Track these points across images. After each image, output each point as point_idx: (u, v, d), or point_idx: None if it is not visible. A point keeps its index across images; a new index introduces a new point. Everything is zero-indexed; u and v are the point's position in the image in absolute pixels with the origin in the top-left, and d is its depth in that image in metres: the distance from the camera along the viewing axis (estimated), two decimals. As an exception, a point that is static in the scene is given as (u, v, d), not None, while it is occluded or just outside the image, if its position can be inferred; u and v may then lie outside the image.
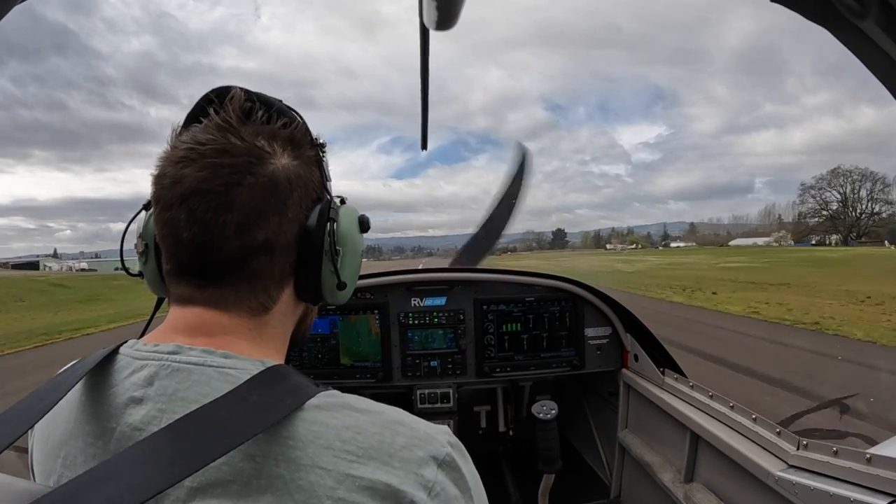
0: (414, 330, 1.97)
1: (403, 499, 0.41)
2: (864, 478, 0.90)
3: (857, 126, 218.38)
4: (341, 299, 0.60)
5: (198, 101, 0.54)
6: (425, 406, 1.94)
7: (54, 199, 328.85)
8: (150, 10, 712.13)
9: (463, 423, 2.04)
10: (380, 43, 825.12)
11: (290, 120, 0.54)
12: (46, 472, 0.50)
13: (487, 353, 1.98)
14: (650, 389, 1.75)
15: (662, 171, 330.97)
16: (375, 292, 1.97)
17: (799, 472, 1.04)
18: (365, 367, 1.94)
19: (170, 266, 0.52)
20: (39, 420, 0.45)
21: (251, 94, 0.52)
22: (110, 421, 0.46)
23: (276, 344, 0.56)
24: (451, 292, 2.00)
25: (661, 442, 1.72)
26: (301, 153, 0.54)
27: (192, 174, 0.47)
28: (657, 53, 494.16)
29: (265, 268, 0.51)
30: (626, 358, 1.98)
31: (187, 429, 0.40)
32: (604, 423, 2.27)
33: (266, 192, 0.49)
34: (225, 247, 0.48)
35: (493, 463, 2.49)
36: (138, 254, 0.59)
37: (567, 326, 2.01)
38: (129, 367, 0.48)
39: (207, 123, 0.50)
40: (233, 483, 0.41)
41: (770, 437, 1.17)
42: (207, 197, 0.47)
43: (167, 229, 0.50)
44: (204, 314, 0.51)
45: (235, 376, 0.45)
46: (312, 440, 0.43)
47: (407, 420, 0.48)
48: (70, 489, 0.36)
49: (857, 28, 0.60)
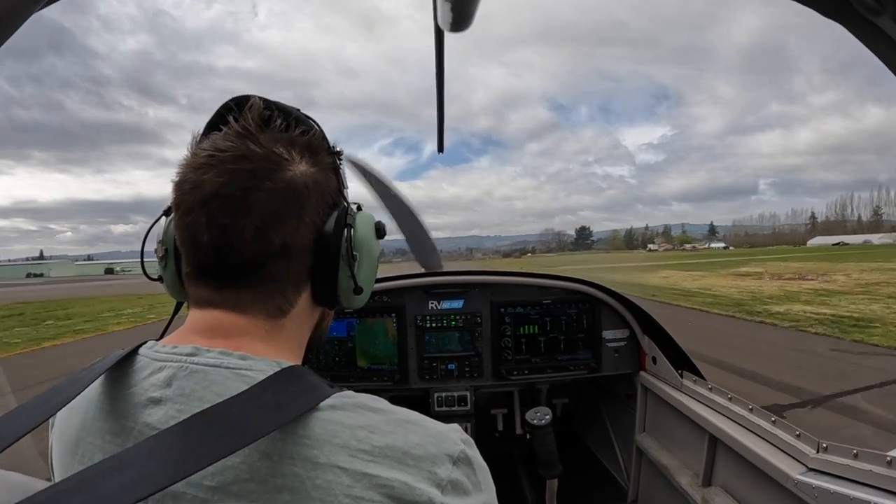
0: (431, 333, 1.99)
1: (419, 496, 0.42)
2: (884, 481, 0.89)
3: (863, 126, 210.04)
4: (357, 304, 0.61)
5: (217, 110, 0.56)
6: (442, 409, 1.96)
7: (55, 200, 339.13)
8: (146, 8, 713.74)
9: (479, 425, 2.05)
10: (380, 41, 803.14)
11: (308, 128, 0.55)
12: (64, 469, 0.52)
13: (504, 355, 1.99)
14: (668, 392, 1.74)
15: (666, 172, 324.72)
16: (392, 295, 2.00)
17: (818, 476, 1.03)
18: (382, 369, 1.97)
19: (189, 269, 0.54)
20: (57, 412, 0.47)
21: (270, 102, 0.54)
22: (129, 420, 0.48)
23: (293, 347, 0.57)
24: (468, 295, 2.02)
25: (679, 445, 1.70)
26: (318, 160, 0.55)
27: (212, 179, 0.49)
28: (663, 50, 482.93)
29: (282, 271, 0.52)
30: (644, 360, 1.97)
31: (199, 425, 0.41)
32: (621, 426, 2.25)
33: (284, 197, 0.50)
34: (243, 250, 0.50)
35: (509, 466, 2.50)
36: (158, 258, 0.61)
37: (584, 329, 2.01)
38: (148, 368, 0.50)
39: (227, 131, 0.51)
40: (250, 482, 0.42)
41: (789, 439, 1.16)
42: (226, 201, 0.49)
43: (187, 233, 0.51)
44: (222, 316, 0.52)
45: (251, 377, 0.46)
46: (328, 439, 0.44)
47: (419, 419, 0.49)
48: (82, 478, 0.37)
49: (874, 24, 0.59)
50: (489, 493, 0.50)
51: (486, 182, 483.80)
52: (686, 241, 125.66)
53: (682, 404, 1.63)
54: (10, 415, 0.46)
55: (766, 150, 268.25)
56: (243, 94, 0.55)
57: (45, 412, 0.47)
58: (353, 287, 0.58)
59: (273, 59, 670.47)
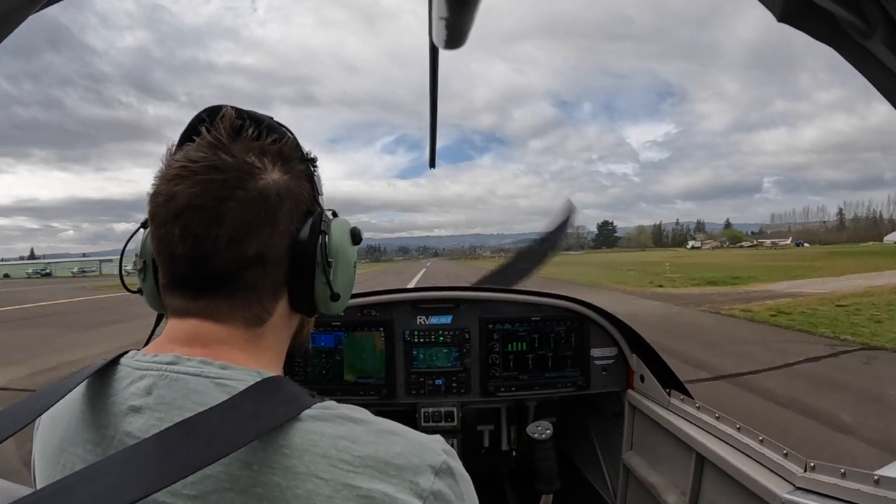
0: (419, 348, 1.97)
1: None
2: (871, 500, 0.90)
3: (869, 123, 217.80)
4: (336, 310, 0.61)
5: (190, 121, 0.56)
6: (429, 424, 1.93)
7: (56, 199, 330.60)
8: (143, 4, 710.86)
9: (466, 442, 2.03)
10: (381, 35, 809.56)
11: (280, 136, 0.56)
12: (45, 479, 0.51)
13: (492, 372, 1.98)
14: (656, 410, 1.75)
15: (670, 170, 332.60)
16: (381, 309, 1.98)
17: (806, 495, 1.04)
18: (369, 383, 1.94)
19: (165, 280, 0.54)
20: (37, 418, 0.47)
21: (242, 111, 0.54)
22: (109, 429, 0.47)
23: (273, 355, 0.57)
24: (457, 311, 2.01)
25: (666, 463, 1.70)
26: (291, 167, 0.55)
27: (185, 191, 0.49)
28: (668, 46, 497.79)
29: (258, 279, 0.52)
30: (632, 379, 1.98)
31: (176, 436, 0.41)
32: (608, 444, 2.25)
33: (256, 205, 0.51)
34: (217, 260, 0.50)
35: (495, 483, 2.46)
36: (137, 271, 0.61)
37: (573, 346, 2.01)
38: (129, 377, 0.49)
39: (199, 142, 0.52)
40: (230, 491, 0.41)
41: (777, 458, 1.17)
42: (199, 212, 0.49)
43: (162, 245, 0.51)
44: (200, 325, 0.52)
45: (232, 386, 0.46)
46: (308, 448, 0.43)
47: (401, 430, 0.49)
48: (58, 487, 0.37)
49: (863, 47, 0.61)
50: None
51: (488, 180, 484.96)
52: (737, 237, 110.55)
53: (670, 423, 1.63)
54: None
55: (770, 148, 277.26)
56: (217, 104, 0.56)
57: (24, 418, 0.46)
58: (329, 294, 0.58)
59: (273, 55, 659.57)
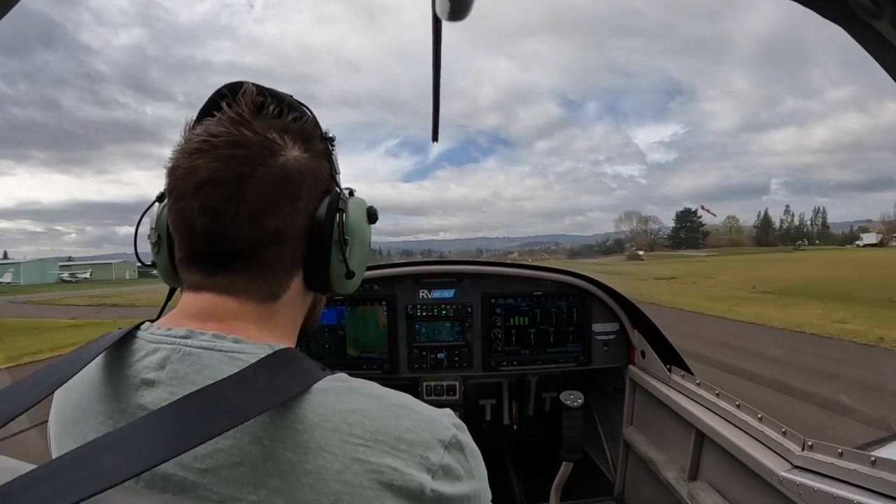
0: (421, 322, 1.98)
1: (410, 482, 0.42)
2: (868, 480, 0.89)
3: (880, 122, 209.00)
4: (349, 289, 0.61)
5: (211, 96, 0.55)
6: (431, 398, 1.95)
7: (58, 202, 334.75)
8: (137, 1, 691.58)
9: (468, 416, 2.05)
10: (382, 32, 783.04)
11: (301, 114, 0.55)
12: (60, 449, 0.51)
13: (494, 346, 1.99)
14: (656, 386, 1.75)
15: (677, 171, 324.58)
16: (383, 284, 1.98)
17: (803, 473, 1.03)
18: (371, 358, 1.96)
19: (182, 254, 0.53)
20: (53, 392, 0.47)
21: (263, 89, 0.54)
22: (122, 401, 0.47)
23: (287, 331, 0.57)
24: (460, 285, 2.01)
25: (666, 439, 1.71)
26: (311, 146, 0.55)
27: (206, 165, 0.49)
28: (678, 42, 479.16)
29: (275, 256, 0.52)
30: (633, 354, 1.97)
31: (191, 406, 0.41)
32: (609, 420, 2.27)
33: (277, 182, 0.51)
34: (237, 235, 0.50)
35: (496, 457, 2.51)
36: (151, 244, 0.61)
37: (574, 322, 2.01)
38: (143, 350, 0.50)
39: (220, 117, 0.51)
40: (241, 465, 0.41)
41: (775, 436, 1.16)
42: (220, 187, 0.49)
43: (180, 218, 0.51)
44: (215, 300, 0.52)
45: (244, 360, 0.46)
46: (319, 423, 0.43)
47: (412, 404, 0.49)
48: (75, 456, 0.37)
49: (872, 28, 0.59)
50: (481, 479, 0.50)
51: (494, 182, 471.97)
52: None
53: (670, 399, 1.63)
54: (6, 392, 0.45)
55: (779, 148, 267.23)
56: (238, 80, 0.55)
57: (42, 391, 0.46)
58: (345, 272, 0.58)
59: (271, 54, 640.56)
